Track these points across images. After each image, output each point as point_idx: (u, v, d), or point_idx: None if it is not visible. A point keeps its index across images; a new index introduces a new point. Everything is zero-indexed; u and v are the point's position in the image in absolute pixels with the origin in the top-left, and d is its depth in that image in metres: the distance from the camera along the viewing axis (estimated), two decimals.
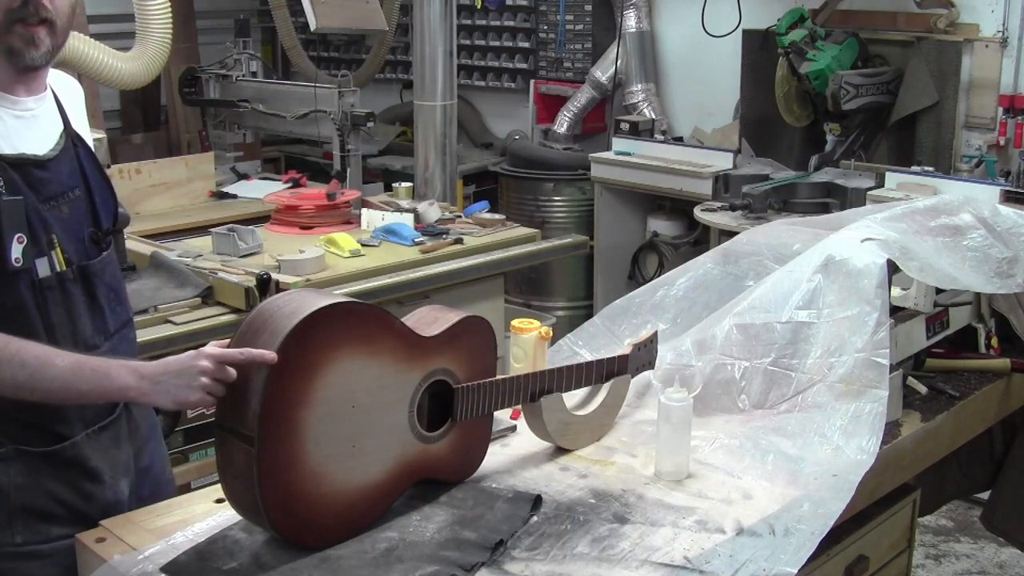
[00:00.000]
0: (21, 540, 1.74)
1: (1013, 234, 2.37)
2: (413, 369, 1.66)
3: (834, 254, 2.05)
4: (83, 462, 1.77)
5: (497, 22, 6.52)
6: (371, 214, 3.87)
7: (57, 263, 1.73)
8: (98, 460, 1.79)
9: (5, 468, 1.72)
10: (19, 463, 1.73)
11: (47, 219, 1.72)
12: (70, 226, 1.78)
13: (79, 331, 1.76)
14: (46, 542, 1.73)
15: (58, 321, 1.74)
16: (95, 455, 1.79)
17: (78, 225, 1.80)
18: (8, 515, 1.72)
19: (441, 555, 1.57)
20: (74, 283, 1.76)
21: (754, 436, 1.94)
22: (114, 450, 1.83)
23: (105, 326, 1.82)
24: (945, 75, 4.65)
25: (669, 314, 2.35)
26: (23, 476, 1.73)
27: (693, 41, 5.58)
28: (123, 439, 1.85)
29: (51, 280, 1.73)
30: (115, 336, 1.85)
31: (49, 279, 1.72)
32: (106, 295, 1.83)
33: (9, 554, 1.73)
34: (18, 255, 1.67)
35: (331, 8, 4.30)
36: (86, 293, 1.79)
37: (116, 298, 1.87)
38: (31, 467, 1.74)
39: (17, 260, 1.67)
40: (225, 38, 5.49)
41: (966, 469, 2.80)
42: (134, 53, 4.23)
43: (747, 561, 1.57)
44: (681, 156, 5.28)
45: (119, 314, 1.88)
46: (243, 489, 1.55)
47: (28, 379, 1.62)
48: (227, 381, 1.56)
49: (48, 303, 1.73)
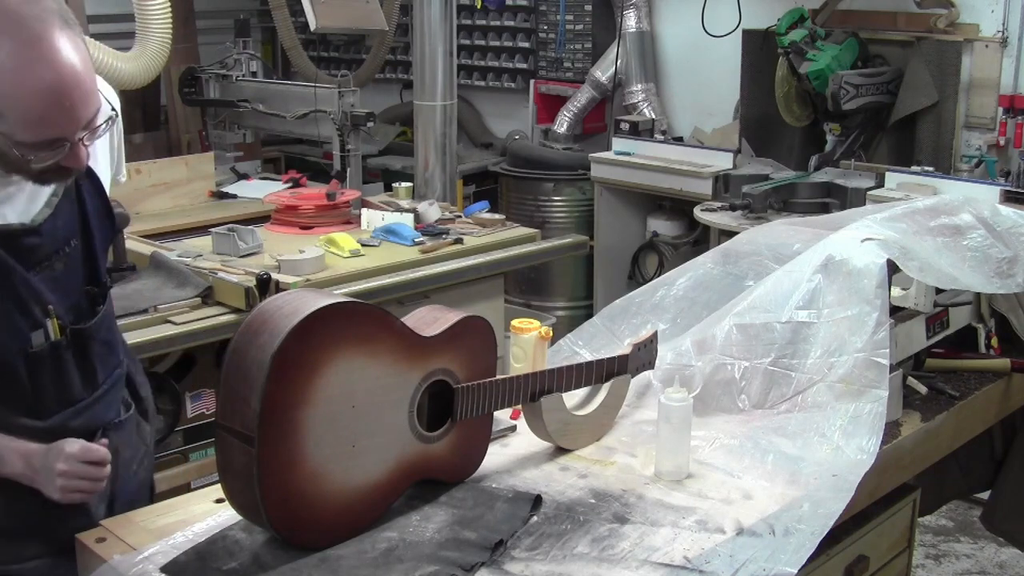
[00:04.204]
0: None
1: (1013, 234, 2.37)
2: (413, 369, 1.66)
3: (834, 254, 2.05)
4: None
5: (497, 22, 6.52)
6: (371, 214, 3.87)
7: (52, 332, 1.69)
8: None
9: None
10: None
11: (39, 288, 1.67)
12: (64, 284, 1.73)
13: (67, 391, 1.74)
14: (17, 562, 1.73)
15: (46, 384, 1.71)
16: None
17: (74, 281, 1.75)
18: None
19: (441, 555, 1.57)
20: (67, 348, 1.73)
21: (754, 436, 1.95)
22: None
23: (95, 381, 1.79)
24: (945, 75, 4.65)
25: (669, 314, 2.35)
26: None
27: (693, 41, 5.57)
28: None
29: (44, 351, 1.69)
30: (103, 386, 1.82)
31: (42, 350, 1.69)
32: (99, 352, 1.80)
33: None
34: None
35: (331, 8, 4.30)
36: (79, 355, 1.76)
37: (108, 350, 1.84)
38: (3, 489, 1.72)
39: None
40: (225, 38, 5.49)
41: (966, 469, 2.80)
42: (134, 53, 4.22)
43: (747, 561, 1.57)
44: (681, 156, 5.28)
45: (110, 364, 1.85)
46: (243, 489, 1.55)
47: None
48: (92, 477, 1.58)
49: (39, 370, 1.70)
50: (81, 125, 1.56)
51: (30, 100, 1.49)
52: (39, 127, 1.52)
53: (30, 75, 1.48)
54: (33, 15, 1.50)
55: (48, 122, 1.52)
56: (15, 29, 1.48)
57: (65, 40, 1.52)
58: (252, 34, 5.67)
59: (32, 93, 1.49)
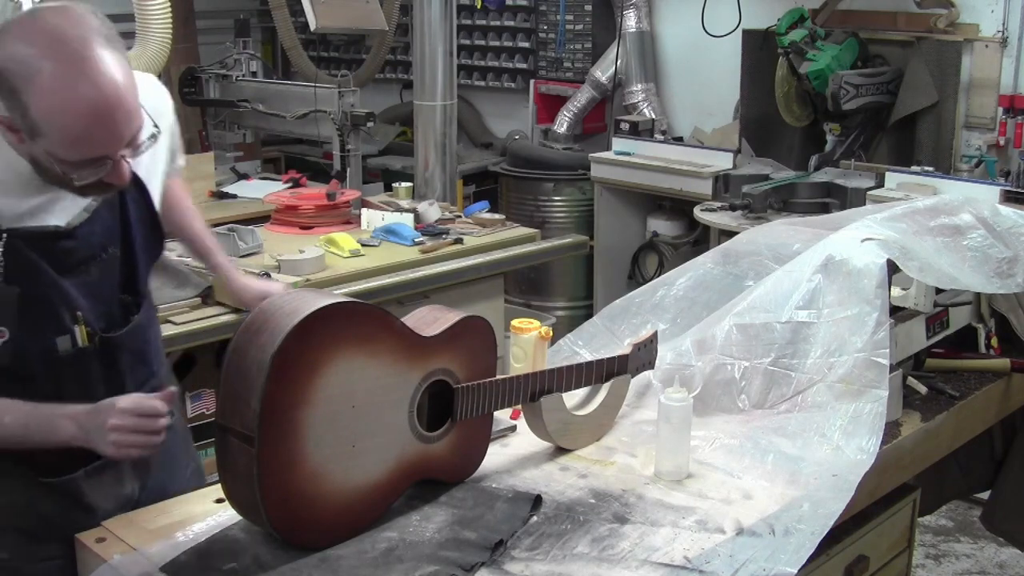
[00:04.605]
0: (7, 556, 1.74)
1: (1013, 234, 2.37)
2: (413, 369, 1.66)
3: (834, 254, 2.05)
4: (79, 497, 1.76)
5: (497, 22, 6.52)
6: (371, 214, 3.87)
7: (80, 339, 1.68)
8: (95, 497, 1.77)
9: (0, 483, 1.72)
10: (17, 482, 1.72)
11: (69, 293, 1.66)
12: (98, 291, 1.71)
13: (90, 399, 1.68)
14: (31, 562, 1.72)
15: (69, 389, 1.69)
16: (92, 492, 1.77)
17: (108, 288, 1.73)
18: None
19: (441, 555, 1.57)
20: (94, 356, 1.71)
21: (754, 436, 1.95)
22: (115, 488, 1.81)
23: (121, 391, 1.73)
24: (945, 75, 4.65)
25: (669, 314, 2.35)
26: (18, 495, 1.73)
27: (693, 41, 5.57)
28: (126, 477, 1.82)
29: (69, 356, 1.68)
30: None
31: (68, 355, 1.67)
32: (128, 362, 1.78)
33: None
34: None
35: (331, 8, 4.30)
36: (106, 364, 1.74)
37: (139, 361, 1.82)
38: (27, 489, 1.73)
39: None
40: (225, 38, 5.49)
41: (966, 469, 2.80)
42: (134, 53, 4.22)
43: (747, 561, 1.57)
44: (681, 156, 5.27)
45: (140, 375, 1.82)
46: (243, 489, 1.55)
47: None
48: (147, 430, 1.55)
49: (62, 376, 1.69)
50: (123, 143, 1.55)
51: (72, 120, 1.48)
52: (81, 146, 1.51)
53: (72, 96, 1.47)
54: (75, 35, 1.49)
55: (90, 141, 1.51)
56: (57, 49, 1.47)
57: (108, 59, 1.50)
58: (252, 34, 5.67)
59: (74, 114, 1.48)
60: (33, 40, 1.48)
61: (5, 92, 1.48)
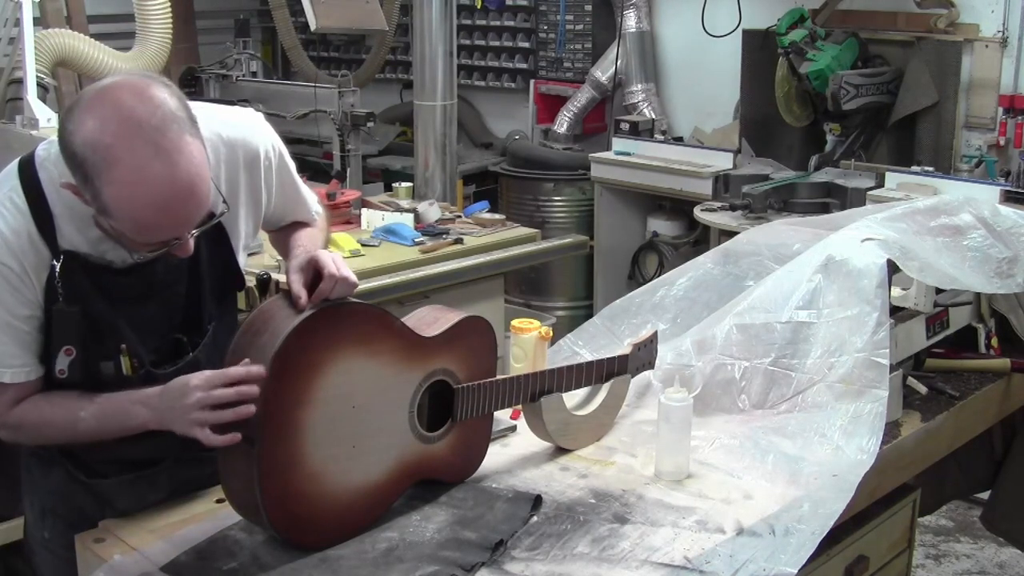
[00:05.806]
0: (48, 536, 1.81)
1: (1013, 234, 2.37)
2: (413, 369, 1.66)
3: (834, 254, 2.05)
4: (112, 502, 1.79)
5: (497, 22, 6.52)
6: (371, 214, 3.87)
7: (124, 368, 1.68)
8: (127, 501, 1.78)
9: (47, 471, 1.79)
10: (62, 472, 1.78)
11: (116, 324, 1.66)
12: (154, 327, 1.71)
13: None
14: (68, 549, 1.74)
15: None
16: (124, 497, 1.79)
17: (165, 326, 1.73)
18: (41, 511, 1.82)
19: (441, 555, 1.57)
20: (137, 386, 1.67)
21: (754, 436, 1.94)
22: (150, 495, 1.81)
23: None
24: (945, 75, 4.65)
25: (669, 314, 2.35)
26: (62, 485, 1.79)
27: (693, 41, 5.58)
28: (161, 485, 1.82)
29: (110, 381, 1.67)
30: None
31: (110, 379, 1.67)
32: None
33: (39, 542, 1.83)
34: (63, 367, 1.63)
35: (331, 8, 4.31)
36: None
37: None
38: (69, 482, 1.78)
39: (61, 372, 1.63)
40: (225, 38, 5.50)
41: (966, 469, 2.80)
42: (134, 53, 4.23)
43: (747, 561, 1.57)
44: (681, 156, 5.27)
45: None
46: (243, 489, 1.55)
47: (59, 435, 1.68)
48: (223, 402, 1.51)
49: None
50: (192, 228, 1.54)
51: (142, 213, 1.47)
52: (149, 234, 1.51)
53: (144, 191, 1.45)
54: (153, 125, 1.45)
55: (159, 230, 1.51)
56: (133, 138, 1.44)
57: (183, 148, 1.47)
58: (252, 34, 5.68)
59: (145, 207, 1.46)
60: (108, 126, 1.44)
61: (79, 176, 1.47)
